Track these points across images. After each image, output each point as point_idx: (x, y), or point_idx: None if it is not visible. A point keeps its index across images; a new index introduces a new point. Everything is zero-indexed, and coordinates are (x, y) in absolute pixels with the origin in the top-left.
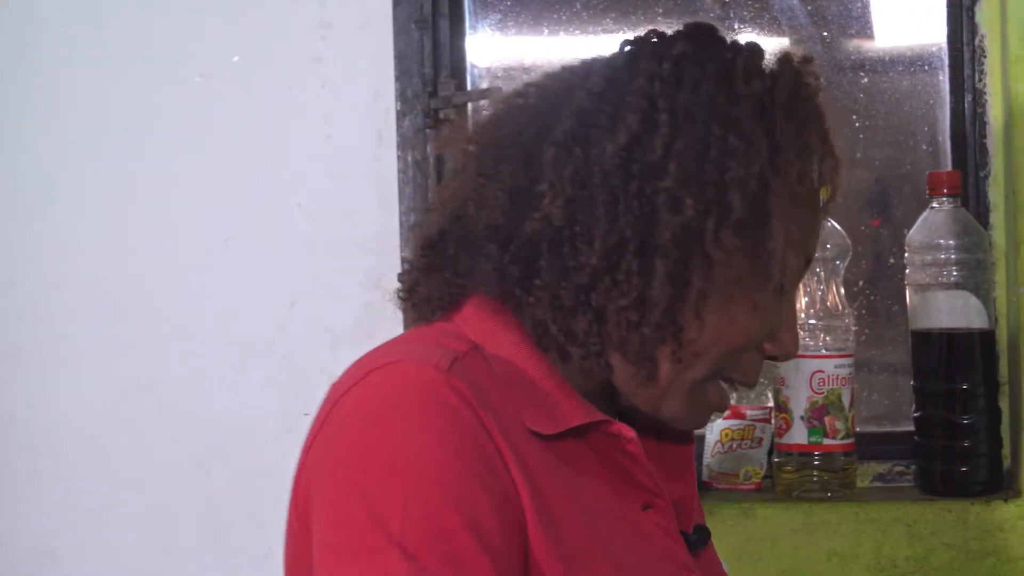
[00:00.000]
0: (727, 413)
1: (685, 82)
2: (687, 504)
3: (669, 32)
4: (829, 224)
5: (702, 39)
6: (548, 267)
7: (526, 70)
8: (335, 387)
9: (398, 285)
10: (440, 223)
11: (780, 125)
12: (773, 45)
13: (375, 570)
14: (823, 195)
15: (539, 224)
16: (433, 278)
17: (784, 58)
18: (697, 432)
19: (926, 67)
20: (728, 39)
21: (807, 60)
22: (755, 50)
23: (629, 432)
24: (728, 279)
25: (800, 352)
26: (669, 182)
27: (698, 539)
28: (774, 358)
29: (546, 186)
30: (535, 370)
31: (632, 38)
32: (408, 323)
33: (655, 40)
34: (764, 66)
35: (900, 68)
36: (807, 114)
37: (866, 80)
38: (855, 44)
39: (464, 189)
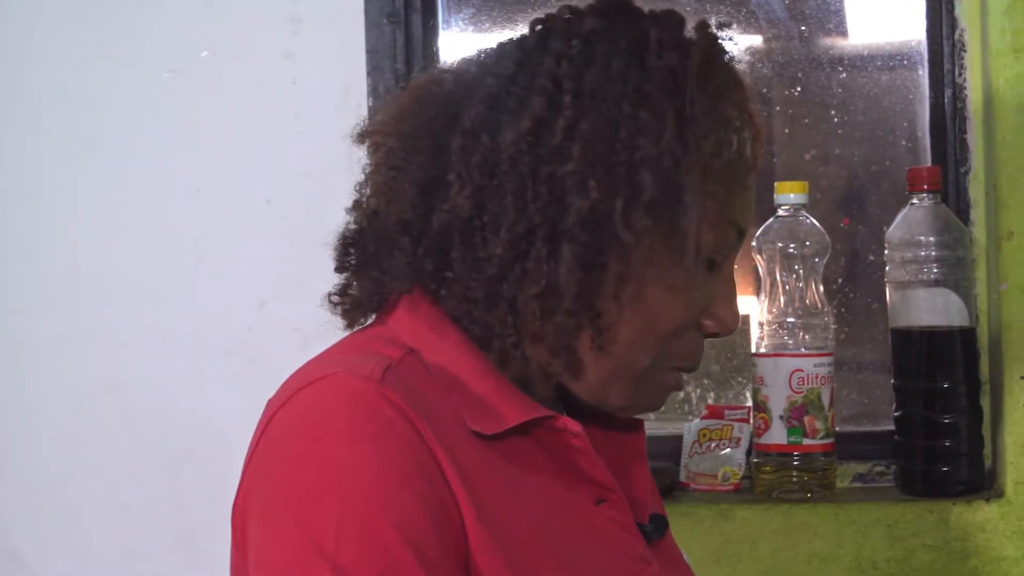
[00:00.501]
0: (705, 413)
1: (595, 60)
2: (642, 495)
3: (582, 7)
4: (808, 221)
5: (614, 12)
6: (460, 259)
7: None
8: (270, 403)
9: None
10: (358, 221)
11: (692, 97)
12: (750, 40)
13: None
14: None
15: (447, 216)
16: (362, 279)
17: (700, 26)
18: (675, 431)
19: (905, 62)
20: (645, 10)
21: (725, 26)
22: (672, 20)
23: (575, 426)
24: (645, 261)
25: (779, 351)
26: (573, 165)
27: (654, 530)
28: (715, 335)
29: (454, 176)
30: (471, 370)
31: (544, 16)
32: (344, 328)
33: (567, 17)
34: (681, 37)
35: (879, 63)
36: (723, 83)
37: (844, 75)
38: (833, 39)
39: (378, 183)
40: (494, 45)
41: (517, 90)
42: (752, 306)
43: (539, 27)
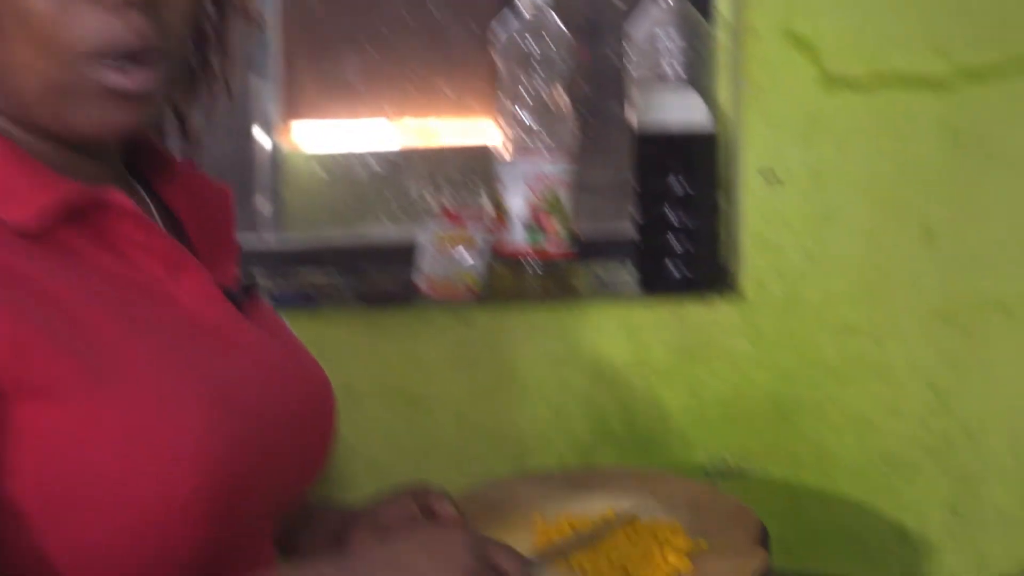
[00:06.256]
0: (441, 217)
1: None
2: (227, 262)
3: None
4: (552, 20)
5: None
6: None
7: None
8: None
9: None
10: None
11: None
12: None
13: None
14: None
15: None
16: None
17: None
18: (410, 237)
19: None
20: None
21: None
22: None
23: (120, 199)
24: None
25: (519, 154)
26: None
27: (241, 293)
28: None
29: None
30: None
31: None
32: None
33: None
34: None
35: None
36: None
37: None
38: None
39: None
40: None
41: None
42: (493, 108)
43: None
